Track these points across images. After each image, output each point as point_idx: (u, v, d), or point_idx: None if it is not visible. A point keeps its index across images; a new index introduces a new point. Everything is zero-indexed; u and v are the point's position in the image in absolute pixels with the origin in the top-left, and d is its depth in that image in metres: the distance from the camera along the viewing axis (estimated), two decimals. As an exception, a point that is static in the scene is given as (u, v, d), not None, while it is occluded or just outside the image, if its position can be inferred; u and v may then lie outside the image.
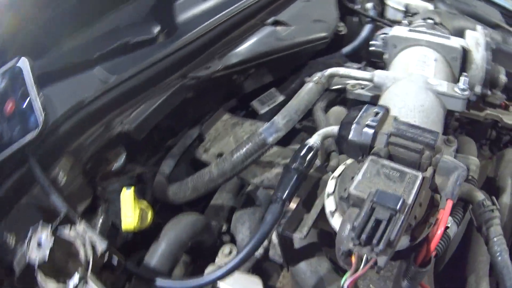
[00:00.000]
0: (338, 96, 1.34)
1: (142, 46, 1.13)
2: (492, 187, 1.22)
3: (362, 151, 0.80)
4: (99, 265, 0.71)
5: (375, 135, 0.78)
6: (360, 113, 0.83)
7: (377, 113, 0.82)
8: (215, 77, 1.18)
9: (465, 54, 1.18)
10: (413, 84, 1.03)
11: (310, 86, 1.09)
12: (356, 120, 0.81)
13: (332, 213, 0.85)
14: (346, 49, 1.69)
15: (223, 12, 1.28)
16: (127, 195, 0.84)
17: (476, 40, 1.25)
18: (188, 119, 1.26)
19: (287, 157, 1.08)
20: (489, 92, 1.23)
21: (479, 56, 1.21)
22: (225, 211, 1.14)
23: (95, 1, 1.15)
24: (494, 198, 0.91)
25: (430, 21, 1.45)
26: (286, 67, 1.45)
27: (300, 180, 0.88)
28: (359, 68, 1.59)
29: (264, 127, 0.99)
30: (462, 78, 1.01)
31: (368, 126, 0.79)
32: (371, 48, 1.34)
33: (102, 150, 0.96)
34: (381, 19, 1.91)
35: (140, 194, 0.98)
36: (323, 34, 1.45)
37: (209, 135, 1.23)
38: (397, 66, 1.18)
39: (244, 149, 0.97)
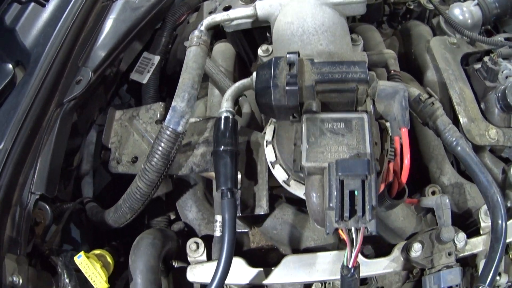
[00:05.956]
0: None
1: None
2: (410, 65, 1.23)
3: (292, 111, 0.75)
4: None
5: (300, 91, 0.73)
6: (272, 71, 0.75)
7: (290, 64, 0.74)
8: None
9: None
10: (305, 3, 0.95)
11: (194, 51, 0.90)
12: (272, 82, 0.74)
13: (287, 182, 0.83)
14: None
15: (67, 11, 1.05)
16: (82, 262, 0.78)
17: None
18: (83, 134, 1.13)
19: (202, 131, 0.98)
20: None
21: None
22: (163, 201, 1.09)
23: None
24: (428, 88, 0.88)
25: None
26: (152, 28, 1.26)
27: (235, 160, 0.82)
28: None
29: (168, 119, 0.84)
30: None
31: (289, 84, 0.72)
32: None
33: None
34: None
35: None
36: None
37: (113, 143, 1.07)
38: None
39: (160, 152, 0.84)
